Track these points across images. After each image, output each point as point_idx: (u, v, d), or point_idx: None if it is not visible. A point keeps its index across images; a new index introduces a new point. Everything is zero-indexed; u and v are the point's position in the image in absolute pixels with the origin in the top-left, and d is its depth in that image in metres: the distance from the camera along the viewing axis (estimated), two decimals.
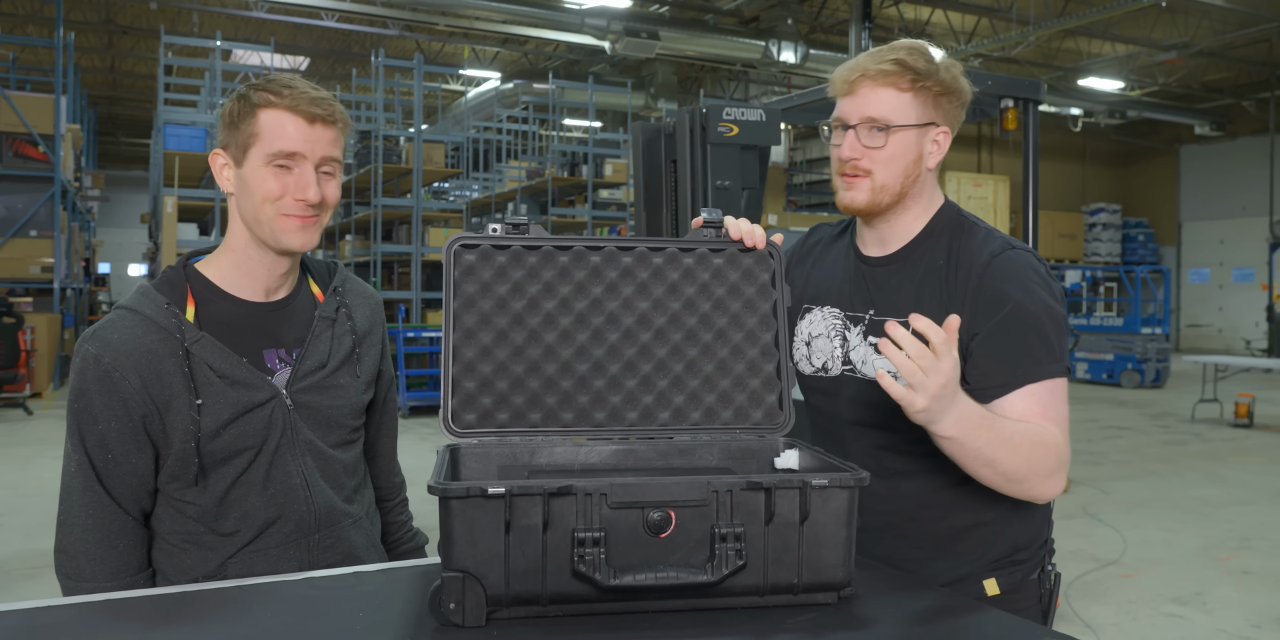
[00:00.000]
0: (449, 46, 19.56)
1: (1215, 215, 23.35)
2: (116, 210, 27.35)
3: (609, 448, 1.55)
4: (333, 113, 1.53)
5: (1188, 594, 4.78)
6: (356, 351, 1.67)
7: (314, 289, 1.68)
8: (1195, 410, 11.51)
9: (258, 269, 1.58)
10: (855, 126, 1.58)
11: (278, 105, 1.50)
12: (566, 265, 1.58)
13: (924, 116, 1.58)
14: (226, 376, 1.50)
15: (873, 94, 1.57)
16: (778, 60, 15.64)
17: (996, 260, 1.55)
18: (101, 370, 1.46)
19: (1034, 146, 4.47)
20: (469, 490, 1.18)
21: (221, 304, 1.56)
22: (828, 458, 1.43)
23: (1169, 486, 7.45)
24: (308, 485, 1.58)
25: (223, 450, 1.51)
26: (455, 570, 1.19)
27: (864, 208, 1.61)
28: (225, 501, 1.53)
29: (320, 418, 1.60)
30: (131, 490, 1.50)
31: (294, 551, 1.57)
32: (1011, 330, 1.51)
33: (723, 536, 1.22)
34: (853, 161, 1.59)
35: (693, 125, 3.71)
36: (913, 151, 1.59)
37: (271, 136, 1.49)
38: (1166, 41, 17.00)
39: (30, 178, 12.02)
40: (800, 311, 1.76)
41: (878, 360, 1.60)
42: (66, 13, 16.25)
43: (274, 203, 1.50)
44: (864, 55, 1.60)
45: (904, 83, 1.56)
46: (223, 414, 1.49)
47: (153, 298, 1.52)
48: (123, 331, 1.48)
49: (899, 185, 1.60)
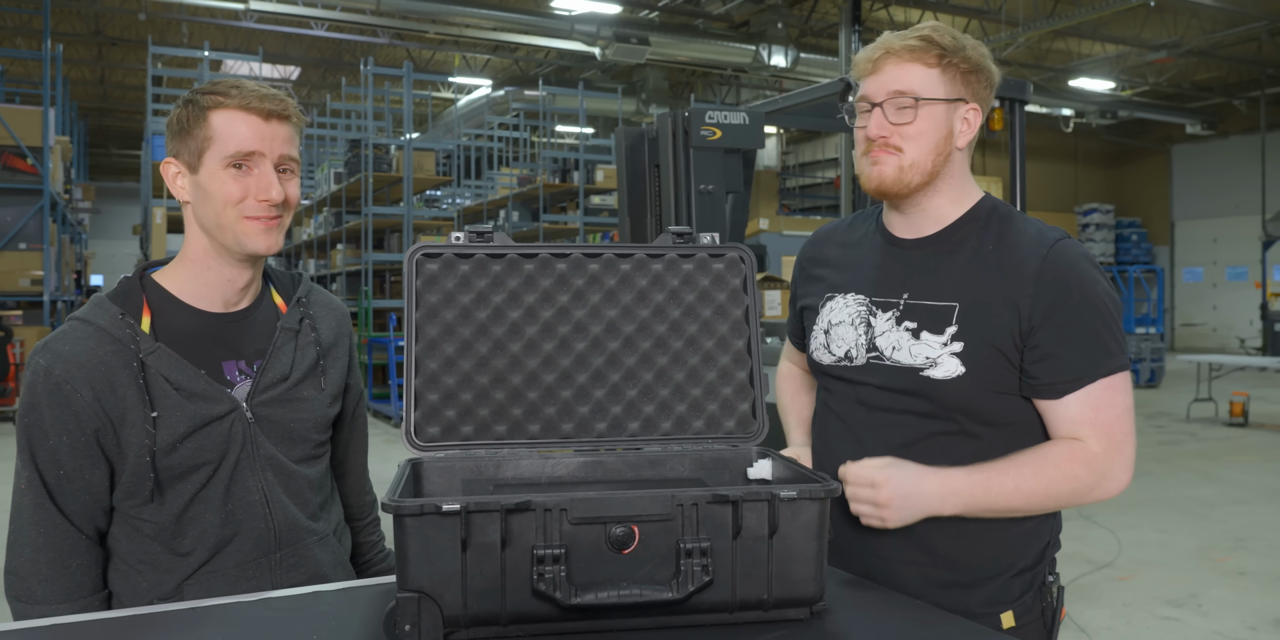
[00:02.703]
0: (440, 54, 19.54)
1: (1208, 214, 23.37)
2: (109, 222, 27.30)
3: (577, 460, 1.52)
4: (286, 108, 1.49)
5: (1183, 596, 4.74)
6: (321, 363, 1.62)
7: (277, 300, 1.63)
8: (1190, 409, 11.49)
9: (217, 279, 1.53)
10: (881, 103, 1.53)
11: (228, 105, 1.46)
12: (532, 273, 1.54)
13: (953, 92, 1.53)
14: (183, 389, 1.46)
15: (899, 69, 1.52)
16: (768, 64, 15.63)
17: (1059, 245, 1.51)
18: (52, 383, 1.41)
19: (1020, 147, 4.44)
20: (423, 507, 1.14)
21: (179, 315, 1.51)
22: (800, 468, 1.40)
23: (1164, 487, 7.42)
24: (268, 502, 1.53)
25: (180, 465, 1.46)
26: (410, 590, 1.15)
27: (891, 184, 1.55)
28: (183, 519, 1.48)
29: (283, 431, 1.56)
30: (85, 508, 1.45)
31: (254, 571, 1.52)
32: (1083, 320, 1.48)
33: (688, 552, 1.19)
34: (881, 139, 1.53)
35: (675, 129, 3.68)
36: (943, 127, 1.53)
37: (227, 137, 1.45)
38: (1156, 41, 17.02)
39: (19, 190, 11.95)
40: (822, 300, 1.70)
41: (915, 346, 1.55)
42: (55, 25, 16.22)
43: (236, 206, 1.46)
44: (888, 34, 1.57)
45: (930, 58, 1.51)
46: (179, 427, 1.44)
47: (106, 308, 1.47)
48: (74, 343, 1.43)
49: (930, 163, 1.54)
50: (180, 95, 3.59)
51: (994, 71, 1.58)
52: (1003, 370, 1.50)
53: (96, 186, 21.62)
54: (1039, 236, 1.54)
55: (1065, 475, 1.46)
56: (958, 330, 1.52)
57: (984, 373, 1.50)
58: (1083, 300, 1.48)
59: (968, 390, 1.50)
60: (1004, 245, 1.54)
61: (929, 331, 1.54)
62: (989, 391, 1.51)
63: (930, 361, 1.53)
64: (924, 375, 1.53)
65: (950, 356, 1.51)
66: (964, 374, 1.50)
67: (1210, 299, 23.24)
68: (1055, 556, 1.66)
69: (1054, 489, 1.46)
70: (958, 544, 1.54)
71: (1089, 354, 1.48)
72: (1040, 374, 1.49)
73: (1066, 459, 1.47)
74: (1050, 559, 1.64)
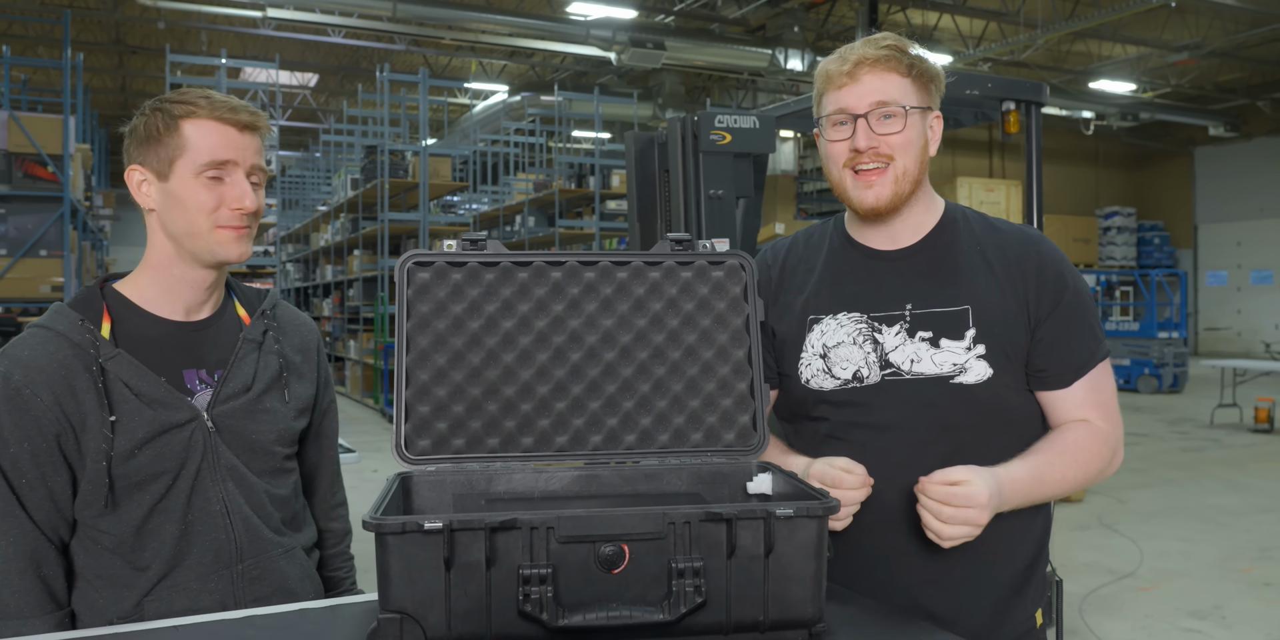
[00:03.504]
0: (456, 60, 19.59)
1: (1232, 217, 23.10)
2: (130, 228, 27.45)
3: (571, 474, 1.48)
4: (259, 119, 1.51)
5: (1206, 608, 4.65)
6: (285, 376, 1.61)
7: (240, 311, 1.63)
8: (1214, 416, 11.33)
9: (179, 286, 1.53)
10: (865, 115, 1.50)
11: (201, 115, 1.46)
12: (526, 282, 1.51)
13: (923, 100, 1.55)
14: (143, 395, 1.45)
15: (878, 79, 1.51)
16: (785, 68, 15.56)
17: (1046, 242, 1.59)
18: (11, 389, 1.40)
19: (1036, 150, 4.37)
20: (405, 525, 1.10)
21: (139, 322, 1.51)
22: (802, 484, 1.35)
23: (1187, 495, 7.30)
24: (228, 512, 1.51)
25: (138, 473, 1.44)
26: (393, 611, 1.12)
27: (889, 203, 1.53)
28: (143, 531, 1.46)
29: (244, 442, 1.54)
30: (49, 516, 1.43)
31: (215, 584, 1.49)
32: (1080, 311, 1.55)
33: (680, 572, 1.14)
34: (871, 151, 1.51)
35: (684, 134, 3.63)
36: (921, 136, 1.55)
37: (201, 147, 1.46)
38: (1178, 42, 16.84)
39: (40, 198, 12.01)
40: (806, 324, 1.63)
41: (938, 355, 1.52)
42: (76, 34, 16.37)
43: (210, 215, 1.47)
44: (857, 44, 1.55)
45: (903, 67, 1.52)
46: (138, 433, 1.43)
47: (66, 314, 1.47)
48: (34, 348, 1.43)
49: (917, 171, 1.55)
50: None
51: (942, 83, 1.59)
52: (1020, 366, 1.54)
53: (118, 194, 21.79)
54: (1023, 234, 1.60)
55: (1095, 456, 1.52)
56: (977, 333, 1.51)
57: (1009, 371, 1.52)
58: (1076, 292, 1.55)
59: (999, 391, 1.52)
60: (992, 245, 1.58)
61: (948, 338, 1.52)
62: (1015, 390, 1.54)
63: (958, 368, 1.51)
64: (955, 382, 1.51)
65: (977, 360, 1.51)
66: (994, 376, 1.51)
67: (1234, 303, 22.96)
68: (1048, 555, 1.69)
69: (1089, 471, 1.51)
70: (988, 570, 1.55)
71: (1087, 342, 1.55)
72: (1048, 365, 1.54)
73: (1091, 441, 1.52)
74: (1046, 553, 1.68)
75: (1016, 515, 1.51)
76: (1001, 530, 1.49)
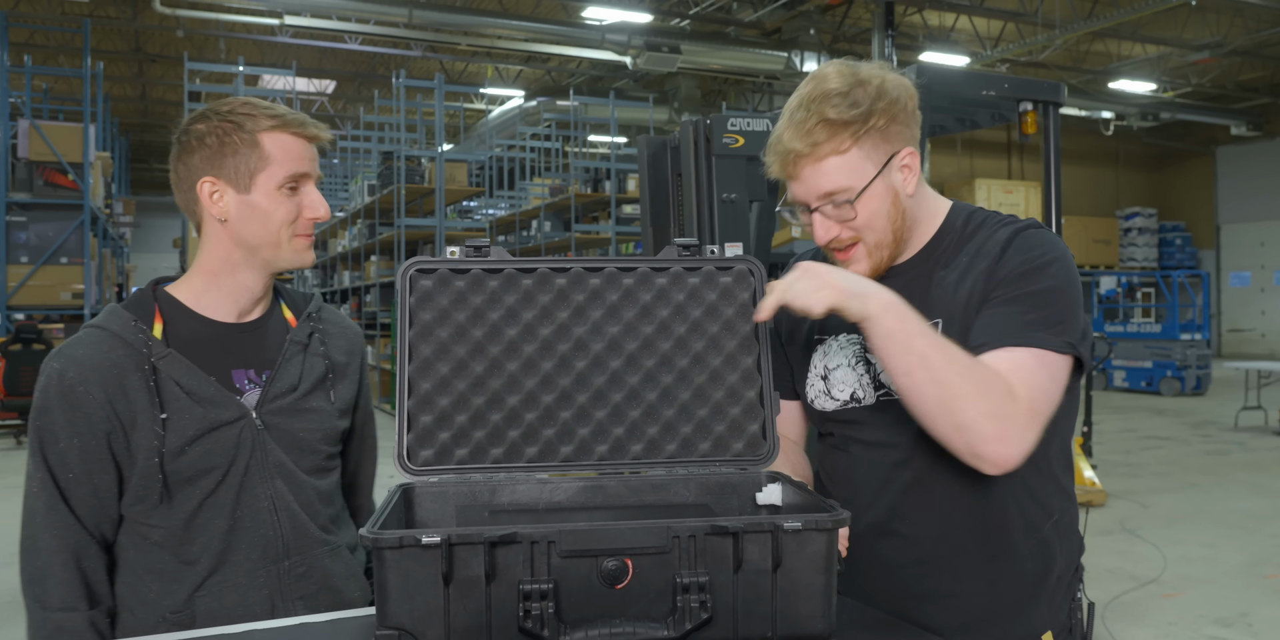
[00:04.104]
0: (473, 66, 19.64)
1: (1255, 217, 22.84)
2: (150, 236, 27.71)
3: (576, 484, 1.45)
4: (322, 130, 1.57)
5: (1232, 615, 4.56)
6: (330, 377, 1.65)
7: (287, 314, 1.67)
8: (1238, 418, 11.18)
9: (237, 291, 1.58)
10: (817, 208, 1.45)
11: (275, 128, 1.52)
12: (530, 288, 1.48)
13: (880, 158, 1.43)
14: (193, 393, 1.49)
15: (817, 171, 1.42)
16: (801, 71, 15.50)
17: (1022, 235, 1.45)
18: (65, 386, 1.45)
19: (1055, 151, 4.32)
20: (402, 540, 1.07)
21: (190, 323, 1.56)
22: (813, 495, 1.32)
23: (1211, 499, 7.20)
24: (275, 509, 1.55)
25: (188, 469, 1.48)
26: (390, 627, 1.09)
27: (872, 276, 1.48)
28: (192, 525, 1.50)
29: (292, 441, 1.58)
30: (92, 512, 1.47)
31: (263, 580, 1.53)
32: (1012, 294, 1.39)
33: (685, 587, 1.11)
34: (834, 239, 1.47)
35: (696, 137, 3.61)
36: (887, 199, 1.45)
37: (283, 160, 1.52)
38: (1198, 41, 16.68)
39: (60, 205, 12.15)
40: (812, 345, 1.63)
41: None
42: (96, 43, 16.51)
43: (290, 225, 1.54)
44: (787, 130, 1.43)
45: (844, 142, 1.40)
46: (188, 430, 1.47)
47: (119, 315, 1.51)
48: (88, 347, 1.47)
49: (892, 235, 1.47)
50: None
51: (908, 97, 1.44)
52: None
53: (138, 201, 21.96)
54: (1006, 229, 1.47)
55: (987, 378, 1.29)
56: None
57: None
58: (1020, 277, 1.39)
59: None
60: (976, 251, 1.47)
61: None
62: None
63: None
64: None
65: None
66: None
67: (1258, 304, 22.70)
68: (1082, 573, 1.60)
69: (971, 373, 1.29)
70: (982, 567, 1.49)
71: (1006, 323, 1.36)
72: (970, 339, 1.39)
73: (996, 375, 1.31)
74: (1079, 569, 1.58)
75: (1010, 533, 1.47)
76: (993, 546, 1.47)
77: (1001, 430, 1.28)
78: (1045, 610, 1.51)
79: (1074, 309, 1.39)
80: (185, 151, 1.53)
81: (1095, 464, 7.45)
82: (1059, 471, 1.53)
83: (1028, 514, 1.49)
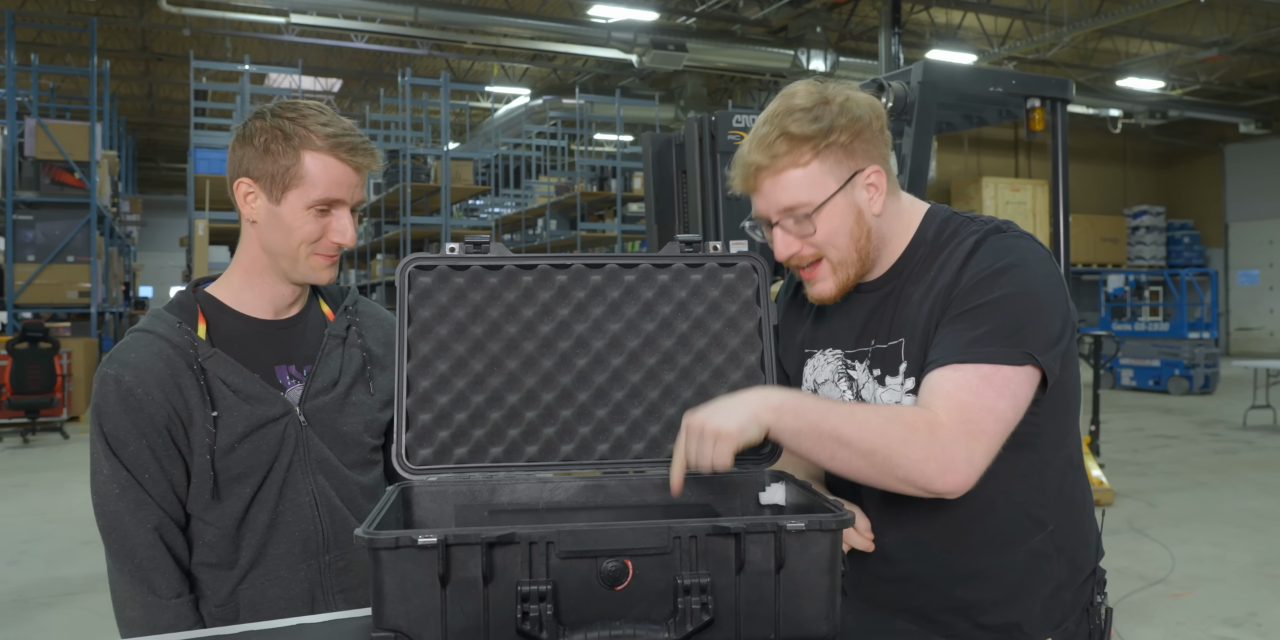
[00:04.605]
0: (479, 64, 19.63)
1: (1263, 215, 22.73)
2: (157, 234, 27.76)
3: (577, 484, 1.43)
4: (375, 159, 1.54)
5: (1241, 614, 4.53)
6: (369, 369, 1.66)
7: (324, 308, 1.69)
8: (1247, 417, 11.12)
9: (270, 290, 1.59)
10: (778, 223, 1.42)
11: (323, 149, 1.48)
12: (530, 285, 1.46)
13: (842, 175, 1.39)
14: (240, 391, 1.52)
15: (776, 184, 1.40)
16: (808, 69, 15.46)
17: (980, 248, 1.39)
18: (124, 390, 1.47)
19: (1063, 149, 4.28)
20: (398, 540, 1.06)
21: (232, 322, 1.58)
22: (816, 494, 1.30)
23: (1220, 498, 7.16)
24: (316, 504, 1.57)
25: (238, 466, 1.51)
26: (387, 629, 1.08)
27: (836, 294, 1.46)
28: (243, 523, 1.53)
29: (335, 435, 1.59)
30: (173, 507, 1.51)
31: (304, 573, 1.55)
32: (962, 309, 1.34)
33: (686, 588, 1.09)
34: (795, 255, 1.44)
35: (701, 134, 3.58)
36: (849, 215, 1.41)
37: (318, 184, 1.48)
38: (1207, 39, 16.60)
39: (67, 204, 12.17)
40: (802, 358, 1.59)
41: (883, 393, 1.44)
42: (103, 42, 16.54)
43: (311, 244, 1.52)
44: (750, 143, 1.42)
45: (804, 156, 1.38)
46: (238, 427, 1.50)
47: (164, 318, 1.54)
48: (139, 350, 1.50)
49: (856, 253, 1.43)
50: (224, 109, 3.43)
51: (873, 116, 1.41)
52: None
53: (145, 199, 22.02)
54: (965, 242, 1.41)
55: (905, 423, 1.26)
56: (907, 367, 1.41)
57: None
58: (967, 292, 1.35)
59: None
60: (944, 267, 1.41)
61: (889, 374, 1.44)
62: None
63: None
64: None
65: (907, 395, 1.41)
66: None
67: (1267, 302, 22.59)
68: (1105, 578, 1.54)
69: (888, 430, 1.25)
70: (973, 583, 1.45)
71: (949, 342, 1.32)
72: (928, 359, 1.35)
73: (910, 412, 1.28)
74: (1097, 575, 1.52)
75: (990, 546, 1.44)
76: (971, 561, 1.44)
77: (941, 465, 1.24)
78: (1041, 619, 1.45)
79: (1035, 314, 1.33)
80: (237, 144, 1.52)
81: (1103, 463, 7.41)
82: (1060, 483, 1.47)
83: (1012, 527, 1.44)
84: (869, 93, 1.46)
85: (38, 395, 10.24)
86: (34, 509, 6.94)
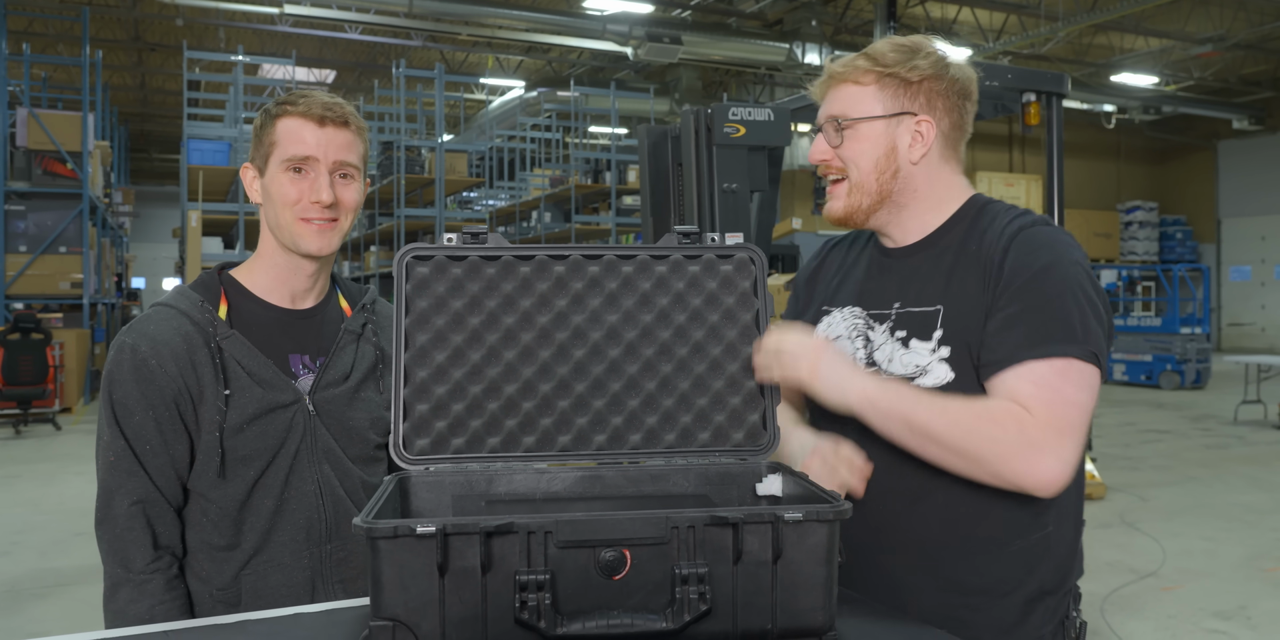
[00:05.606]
0: (473, 56, 19.58)
1: (1256, 211, 22.81)
2: (150, 225, 27.67)
3: (574, 474, 1.43)
4: (343, 115, 1.57)
5: (1231, 608, 4.56)
6: (380, 367, 1.69)
7: (343, 304, 1.72)
8: (1238, 412, 11.17)
9: (285, 273, 1.62)
10: (821, 128, 1.52)
11: (292, 112, 1.55)
12: (528, 276, 1.46)
13: (891, 107, 1.48)
14: (253, 374, 1.55)
15: (834, 93, 1.52)
16: (802, 62, 15.47)
17: (1024, 233, 1.42)
18: (139, 359, 1.50)
19: (1058, 142, 4.29)
20: (397, 529, 1.06)
21: (252, 307, 1.61)
22: (813, 486, 1.30)
23: (1211, 493, 7.20)
24: (321, 493, 1.59)
25: (244, 447, 1.53)
26: (385, 618, 1.07)
27: (842, 214, 1.54)
28: (245, 505, 1.54)
29: (343, 427, 1.62)
30: (169, 482, 1.52)
31: (307, 561, 1.57)
32: (1023, 303, 1.36)
33: (684, 578, 1.09)
34: (822, 163, 1.53)
35: (698, 127, 3.58)
36: (881, 144, 1.48)
37: (286, 142, 1.55)
38: (1201, 34, 16.63)
39: (59, 195, 12.12)
40: (818, 315, 1.62)
41: (905, 355, 1.46)
42: (95, 31, 16.45)
43: (292, 208, 1.55)
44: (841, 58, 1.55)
45: (865, 76, 1.48)
46: (248, 409, 1.53)
47: (188, 295, 1.58)
48: (159, 323, 1.53)
49: (874, 182, 1.49)
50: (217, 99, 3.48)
51: (960, 79, 1.49)
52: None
53: (138, 190, 21.95)
54: (1010, 223, 1.45)
55: (994, 420, 1.30)
56: (944, 334, 1.43)
57: (973, 377, 1.40)
58: (1030, 282, 1.37)
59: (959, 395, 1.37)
60: (986, 239, 1.46)
61: (918, 338, 1.46)
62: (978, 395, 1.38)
63: (920, 370, 1.44)
64: (915, 384, 1.43)
65: (940, 362, 1.43)
66: (953, 380, 1.41)
67: (1259, 298, 22.69)
68: (1080, 592, 1.54)
69: (978, 427, 1.30)
70: (964, 564, 1.44)
71: (1020, 336, 1.34)
72: (985, 356, 1.38)
73: (1002, 410, 1.31)
74: (1074, 590, 1.52)
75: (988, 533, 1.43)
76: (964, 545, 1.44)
77: (1031, 463, 1.28)
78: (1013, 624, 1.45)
79: (1093, 314, 1.36)
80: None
81: (1095, 457, 7.44)
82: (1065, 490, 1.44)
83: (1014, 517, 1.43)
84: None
85: (30, 386, 10.21)
86: (26, 500, 6.93)
